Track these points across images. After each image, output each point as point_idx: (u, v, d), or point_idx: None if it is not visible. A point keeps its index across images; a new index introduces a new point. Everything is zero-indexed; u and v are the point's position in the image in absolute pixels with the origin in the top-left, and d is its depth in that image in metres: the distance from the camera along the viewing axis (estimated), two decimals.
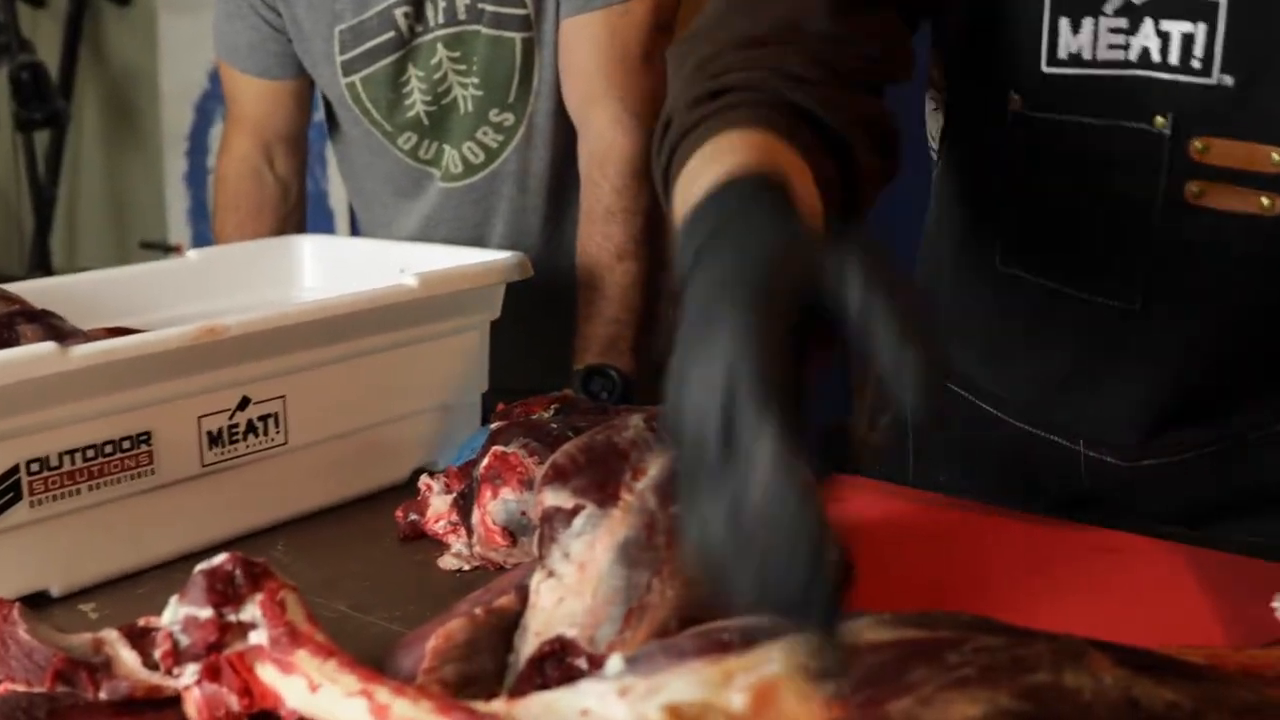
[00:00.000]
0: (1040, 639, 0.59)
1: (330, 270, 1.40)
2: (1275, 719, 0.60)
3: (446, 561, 1.00)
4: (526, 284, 1.26)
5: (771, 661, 0.55)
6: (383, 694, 0.62)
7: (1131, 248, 0.93)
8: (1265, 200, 0.88)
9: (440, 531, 1.04)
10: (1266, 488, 1.03)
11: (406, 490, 1.11)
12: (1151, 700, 0.58)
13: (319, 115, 1.61)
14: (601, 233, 1.39)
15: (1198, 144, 0.88)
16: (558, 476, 0.76)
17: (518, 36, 1.40)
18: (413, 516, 1.07)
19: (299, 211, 1.60)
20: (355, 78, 1.46)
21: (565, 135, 1.44)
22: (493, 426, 1.03)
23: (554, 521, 0.74)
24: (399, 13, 1.41)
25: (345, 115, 1.51)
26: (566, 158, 1.45)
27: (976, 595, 0.86)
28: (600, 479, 0.75)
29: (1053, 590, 0.87)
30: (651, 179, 1.39)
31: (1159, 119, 0.89)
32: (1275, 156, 0.86)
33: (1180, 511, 1.03)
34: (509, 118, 1.44)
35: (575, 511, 0.74)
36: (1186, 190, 0.90)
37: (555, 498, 0.75)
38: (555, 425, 0.99)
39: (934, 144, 1.11)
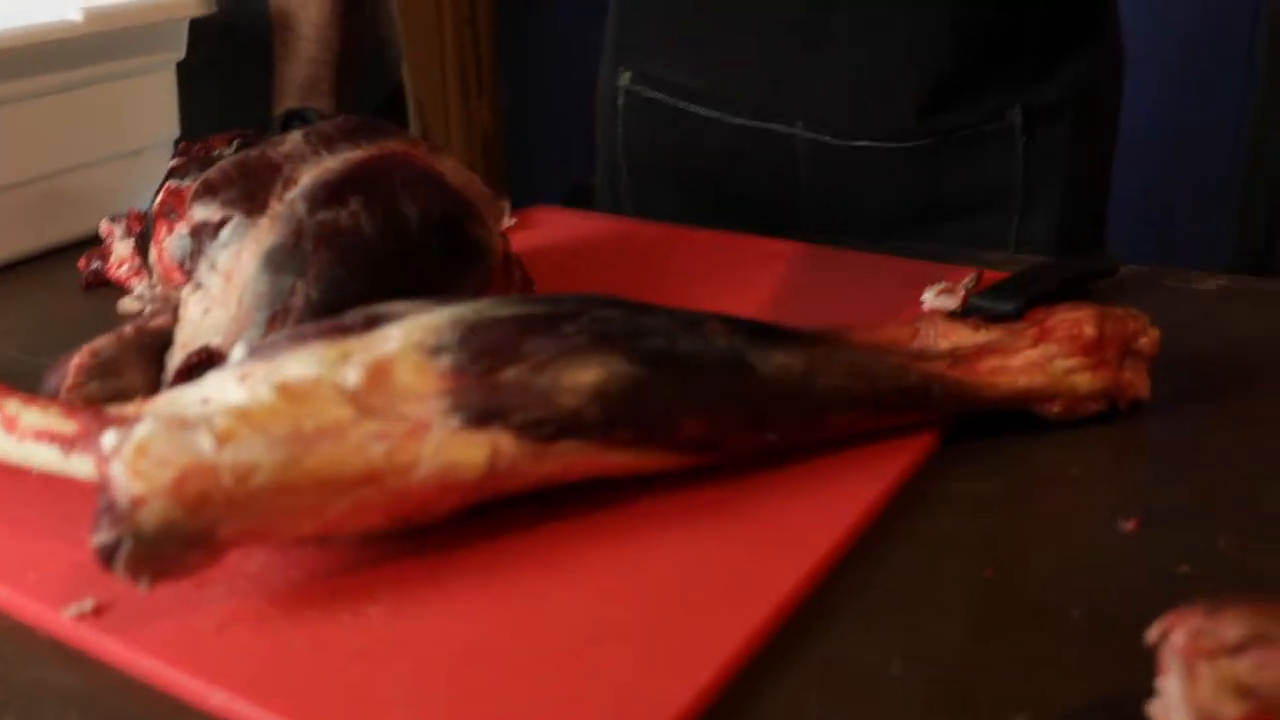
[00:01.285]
0: (660, 312, 0.61)
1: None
2: (883, 376, 0.64)
3: (126, 304, 0.97)
4: (221, 24, 1.20)
5: (389, 340, 0.56)
6: (12, 405, 0.60)
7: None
8: None
9: (123, 276, 1.01)
10: (975, 189, 1.08)
11: (97, 241, 1.07)
12: (763, 362, 0.61)
13: None
14: None
15: None
16: (207, 191, 0.75)
17: None
18: (95, 264, 1.03)
19: None
20: None
21: None
22: (170, 164, 0.99)
23: (202, 235, 0.72)
24: None
25: None
26: None
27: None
28: (250, 190, 0.74)
29: (713, 295, 0.90)
30: None
31: None
32: None
33: (893, 209, 1.08)
34: None
35: (223, 223, 0.72)
36: None
37: (204, 211, 0.73)
38: (238, 154, 0.96)
39: None
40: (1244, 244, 2.08)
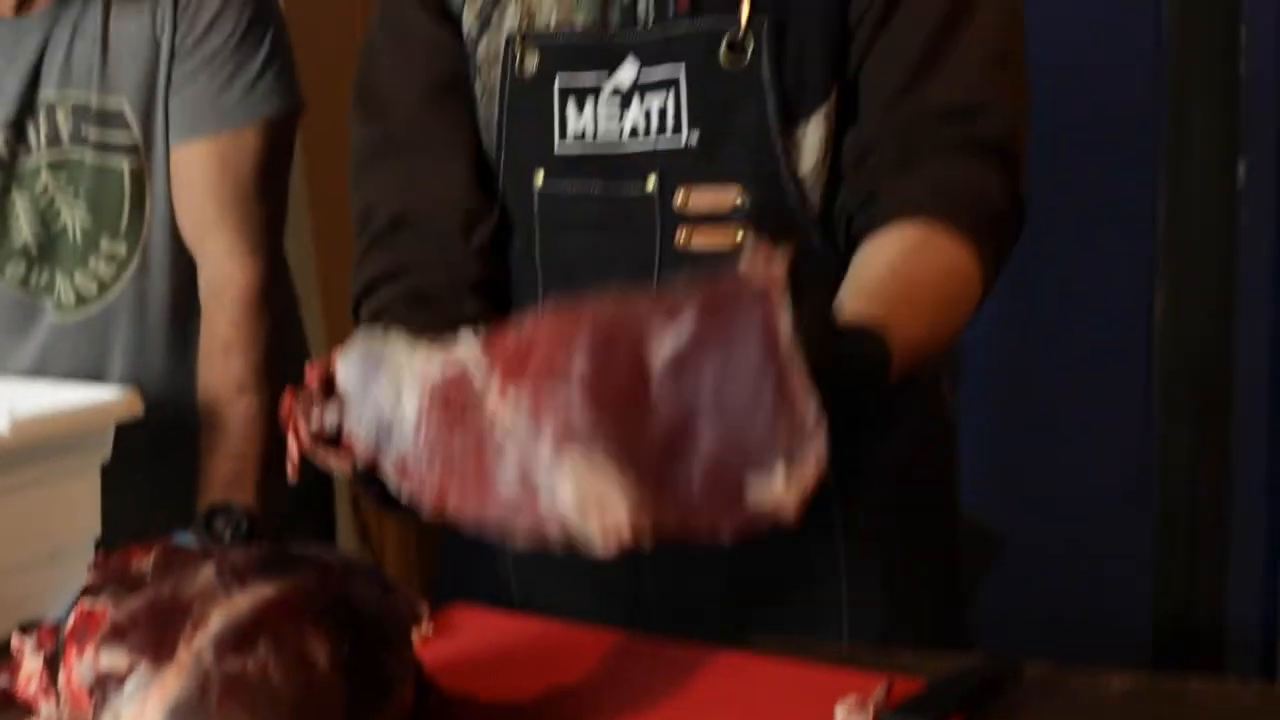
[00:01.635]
0: None
1: None
2: None
3: None
4: (151, 420, 1.23)
5: None
6: None
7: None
8: (738, 234, 1.04)
9: (31, 694, 0.99)
10: (799, 564, 1.11)
11: (8, 650, 1.05)
12: None
13: None
14: (221, 366, 1.37)
15: (680, 195, 1.05)
16: (115, 636, 0.75)
17: (125, 165, 1.38)
18: (3, 680, 1.01)
19: None
20: None
21: (186, 266, 1.41)
22: (87, 579, 0.99)
23: (107, 685, 0.72)
24: None
25: None
26: (188, 289, 1.42)
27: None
28: (158, 636, 0.74)
29: (625, 705, 0.91)
30: (270, 311, 1.40)
31: (650, 179, 1.06)
32: (737, 197, 1.04)
33: (724, 585, 1.12)
34: (122, 247, 1.40)
35: (129, 672, 0.72)
36: (677, 238, 1.06)
37: (110, 658, 0.74)
38: (151, 575, 0.96)
39: None
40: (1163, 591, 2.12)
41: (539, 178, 1.10)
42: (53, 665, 0.95)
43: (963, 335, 2.01)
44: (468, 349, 0.75)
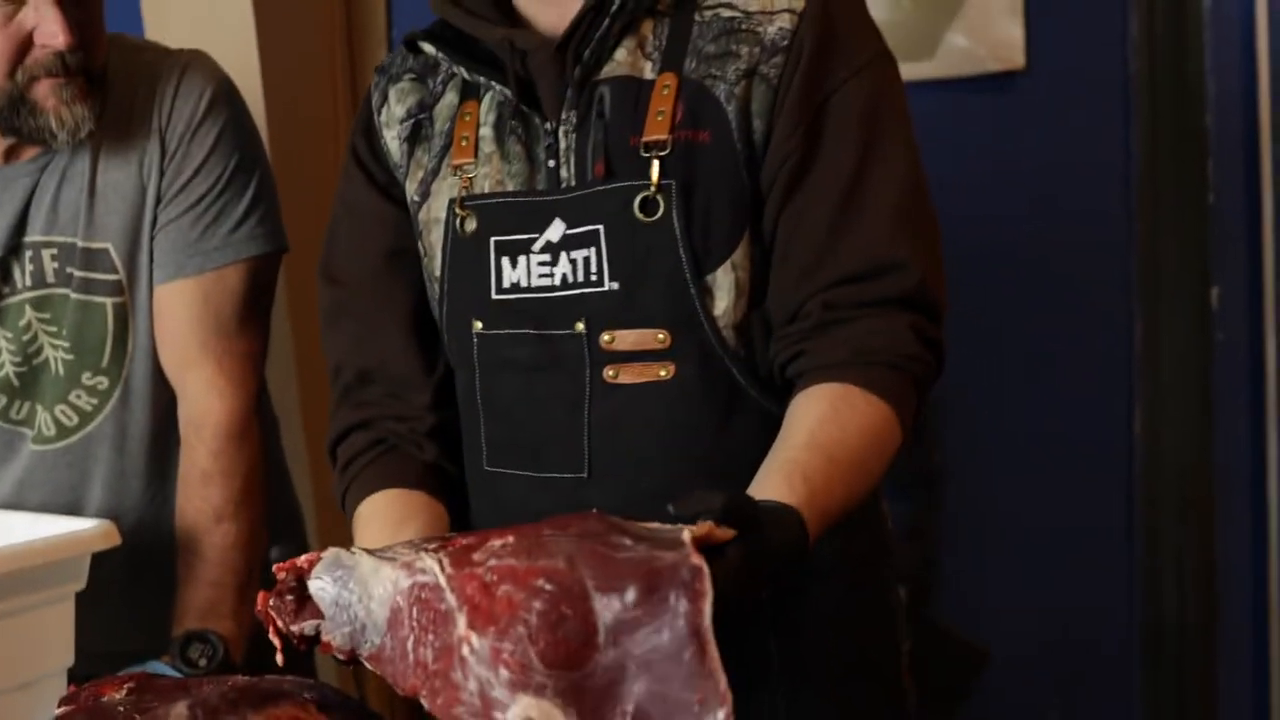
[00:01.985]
0: None
1: None
2: None
3: None
4: (129, 546, 1.23)
5: None
6: None
7: (575, 429, 1.16)
8: (663, 371, 1.13)
9: None
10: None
11: None
12: None
13: None
14: (200, 495, 1.37)
15: (606, 337, 1.14)
16: None
17: (109, 301, 1.39)
18: None
19: None
20: None
21: (166, 396, 1.43)
22: (56, 713, 0.98)
23: None
24: None
25: None
26: (168, 419, 1.43)
27: None
28: None
29: None
30: (250, 442, 1.41)
31: (579, 324, 1.15)
32: (660, 336, 1.13)
33: None
34: (103, 380, 1.42)
35: None
36: (605, 374, 1.14)
37: None
38: (123, 708, 0.96)
39: None
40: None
41: (477, 324, 1.19)
42: None
43: (943, 455, 2.02)
44: (434, 568, 0.87)
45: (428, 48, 1.21)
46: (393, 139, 1.23)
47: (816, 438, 1.04)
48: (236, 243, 1.40)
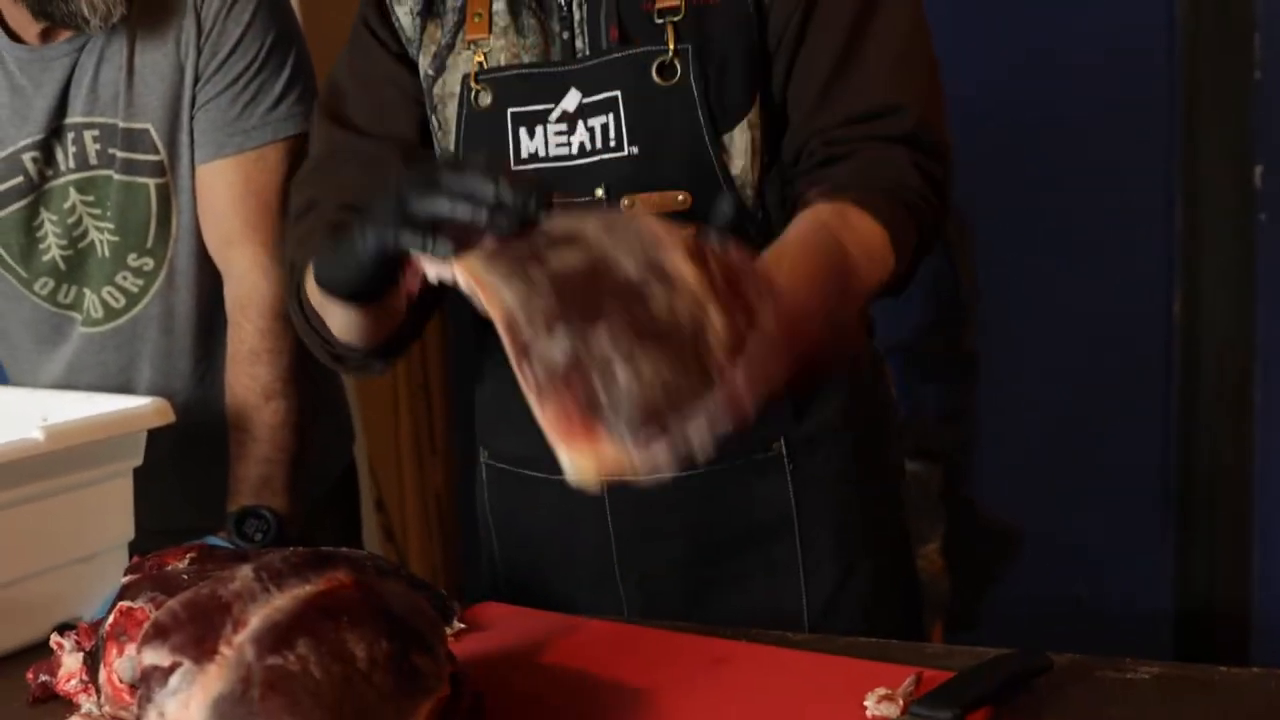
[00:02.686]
0: None
1: None
2: None
3: None
4: (179, 426, 1.26)
5: None
6: None
7: None
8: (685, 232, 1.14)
9: (71, 691, 1.01)
10: (756, 515, 1.22)
11: (46, 648, 1.08)
12: None
13: None
14: (248, 373, 1.40)
15: (626, 201, 1.17)
16: (158, 634, 0.77)
17: (151, 182, 1.41)
18: (44, 677, 1.04)
19: None
20: None
21: (210, 277, 1.45)
22: (123, 580, 1.01)
23: (151, 681, 0.74)
24: (27, 157, 1.41)
25: None
26: (213, 299, 1.45)
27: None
28: (199, 634, 0.76)
29: (660, 700, 0.93)
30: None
31: (599, 190, 1.17)
32: (679, 197, 1.15)
33: (695, 536, 1.22)
34: (148, 262, 1.44)
35: (172, 669, 0.74)
36: None
37: (153, 656, 0.75)
38: (187, 576, 0.98)
39: None
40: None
41: None
42: (92, 663, 0.98)
43: (977, 339, 2.02)
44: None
45: None
46: (404, 14, 1.23)
47: (821, 221, 1.05)
48: (275, 121, 1.41)
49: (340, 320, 1.12)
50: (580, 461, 0.77)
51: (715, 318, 0.80)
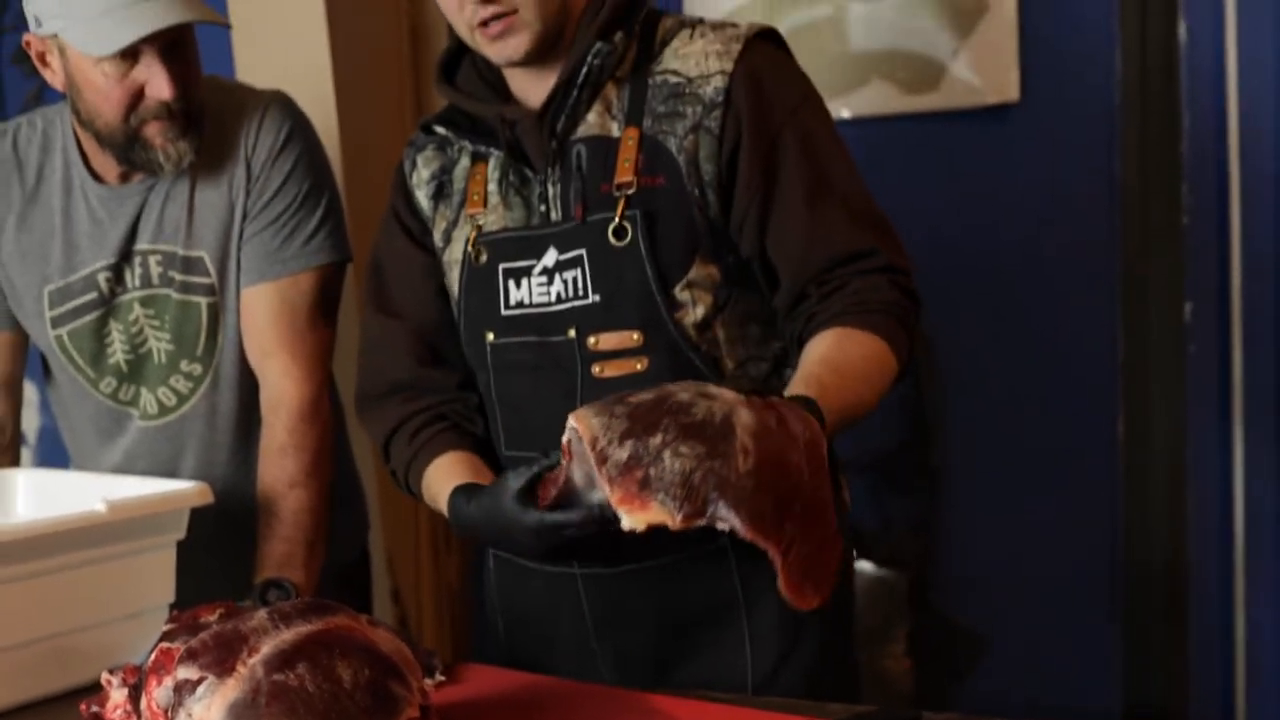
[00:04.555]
0: None
1: (40, 500, 1.60)
2: None
3: None
4: (217, 506, 1.47)
5: None
6: None
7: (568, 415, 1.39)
8: (639, 364, 1.38)
9: (118, 719, 1.22)
10: (704, 604, 1.42)
11: (98, 687, 1.28)
12: None
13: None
14: (277, 465, 1.61)
15: (592, 339, 1.39)
16: (190, 656, 0.99)
17: (204, 301, 1.65)
18: (94, 709, 1.25)
19: (13, 449, 1.78)
20: (63, 331, 1.67)
21: (249, 381, 1.67)
22: (165, 627, 1.23)
23: (183, 691, 0.96)
24: (101, 277, 1.65)
25: (54, 363, 1.72)
26: (251, 400, 1.68)
27: None
28: (222, 657, 0.98)
29: None
30: (319, 420, 1.65)
31: (570, 331, 1.40)
32: (634, 336, 1.38)
33: (657, 622, 1.42)
34: (198, 368, 1.67)
35: (200, 681, 0.96)
36: (593, 370, 1.40)
37: (185, 672, 0.97)
38: (216, 626, 1.20)
39: None
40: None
41: (490, 335, 1.45)
42: (135, 695, 1.19)
43: (942, 455, 2.19)
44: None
45: (439, 130, 1.48)
46: (423, 197, 1.50)
47: (825, 358, 1.31)
48: (309, 253, 1.64)
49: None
50: (635, 520, 1.08)
51: (744, 413, 1.09)
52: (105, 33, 1.47)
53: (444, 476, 1.42)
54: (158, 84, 1.51)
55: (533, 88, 1.43)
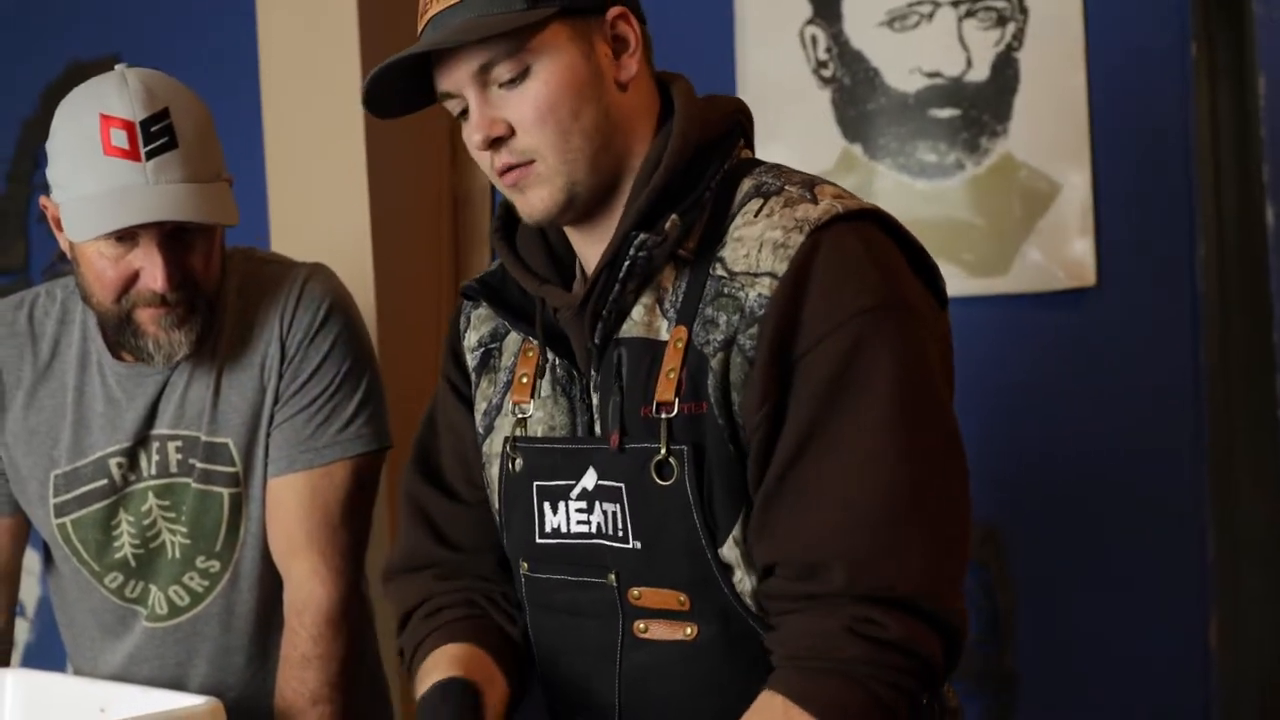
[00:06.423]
0: None
1: (30, 707, 1.43)
2: None
3: None
4: None
5: None
6: None
7: (606, 674, 1.19)
8: (688, 629, 1.15)
9: None
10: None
11: None
12: None
13: None
14: (298, 677, 1.46)
15: (635, 592, 1.17)
16: None
17: (225, 491, 1.51)
18: None
19: (5, 643, 1.62)
20: (67, 519, 1.53)
21: (272, 579, 1.52)
22: None
23: None
24: (113, 463, 1.51)
25: (57, 553, 1.58)
26: (273, 600, 1.53)
27: None
28: None
29: None
30: (348, 628, 1.49)
31: (610, 575, 1.18)
32: (680, 599, 1.14)
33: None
34: (215, 564, 1.52)
35: None
36: (636, 628, 1.18)
37: None
38: None
39: None
40: None
41: (524, 566, 1.25)
42: None
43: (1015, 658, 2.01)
44: None
45: (472, 303, 1.29)
46: (470, 362, 1.31)
47: None
48: (344, 441, 1.51)
49: None
50: None
51: None
52: (91, 216, 1.37)
53: (436, 668, 1.22)
54: (151, 273, 1.41)
55: (590, 251, 1.19)
